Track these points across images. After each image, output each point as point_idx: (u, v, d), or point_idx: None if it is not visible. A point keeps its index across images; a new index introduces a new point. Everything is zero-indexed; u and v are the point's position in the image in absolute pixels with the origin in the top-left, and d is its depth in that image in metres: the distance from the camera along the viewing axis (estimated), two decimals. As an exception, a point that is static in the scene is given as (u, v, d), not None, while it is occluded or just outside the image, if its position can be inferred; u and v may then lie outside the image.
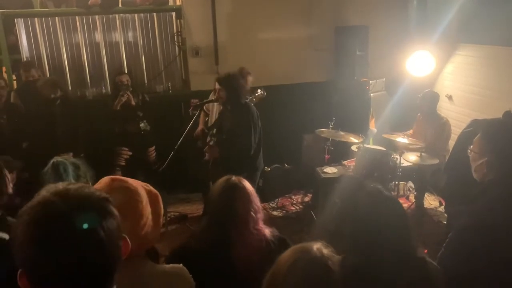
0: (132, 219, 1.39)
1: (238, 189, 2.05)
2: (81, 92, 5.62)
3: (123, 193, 1.42)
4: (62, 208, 0.90)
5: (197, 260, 1.91)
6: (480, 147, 1.89)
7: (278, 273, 1.43)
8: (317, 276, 1.40)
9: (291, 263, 1.41)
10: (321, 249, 1.45)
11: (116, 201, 1.38)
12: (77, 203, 0.92)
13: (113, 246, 0.95)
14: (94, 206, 0.94)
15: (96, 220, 0.92)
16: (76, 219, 0.89)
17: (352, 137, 4.93)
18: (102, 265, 0.94)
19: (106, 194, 0.99)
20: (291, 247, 1.52)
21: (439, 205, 5.25)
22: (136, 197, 1.43)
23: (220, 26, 5.64)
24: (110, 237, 0.93)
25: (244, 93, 3.97)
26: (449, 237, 1.90)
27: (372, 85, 5.94)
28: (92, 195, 0.95)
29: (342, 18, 5.94)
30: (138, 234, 1.41)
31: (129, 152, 5.23)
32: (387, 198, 1.81)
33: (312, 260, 1.41)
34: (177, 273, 1.54)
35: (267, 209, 5.35)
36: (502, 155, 1.82)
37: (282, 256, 1.47)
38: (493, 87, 5.09)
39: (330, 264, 1.42)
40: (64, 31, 5.43)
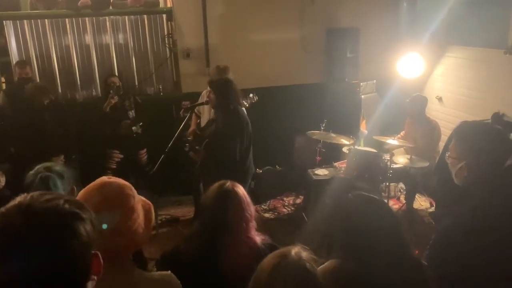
0: (123, 211, 1.41)
1: (231, 197, 2.03)
2: (71, 95, 5.59)
3: (117, 186, 1.46)
4: (20, 222, 0.87)
5: (186, 266, 1.90)
6: (457, 151, 1.91)
7: (259, 280, 1.43)
8: (297, 280, 1.40)
9: (271, 270, 1.41)
10: (299, 252, 1.45)
11: (109, 192, 1.41)
12: (40, 219, 0.89)
13: (77, 263, 0.92)
14: (61, 222, 0.91)
15: (62, 237, 0.89)
16: (38, 236, 0.87)
17: (343, 139, 4.95)
18: (62, 282, 0.90)
19: (75, 209, 0.95)
20: (270, 254, 1.51)
21: (429, 206, 5.28)
22: (128, 191, 1.46)
23: (211, 28, 5.64)
24: (75, 255, 0.91)
25: (234, 98, 3.88)
26: (432, 239, 1.91)
27: (363, 87, 5.97)
28: (57, 207, 0.92)
29: (333, 20, 5.97)
30: (129, 229, 1.42)
31: (120, 155, 5.21)
32: (376, 202, 1.82)
33: (291, 265, 1.41)
34: (166, 280, 1.53)
35: (259, 211, 5.34)
36: (479, 155, 1.83)
37: (262, 263, 1.47)
38: (482, 89, 5.14)
39: (309, 267, 1.42)
40: (54, 33, 5.39)
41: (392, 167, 4.65)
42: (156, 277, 1.53)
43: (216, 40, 5.67)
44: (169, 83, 5.90)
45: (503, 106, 4.56)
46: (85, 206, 1.00)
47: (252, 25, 5.77)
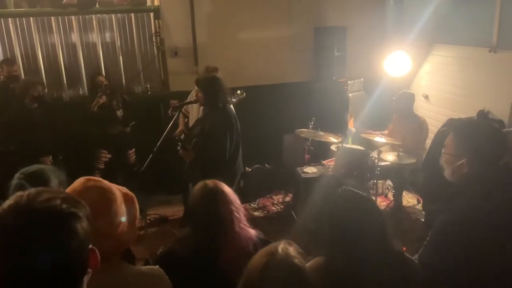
0: (106, 217, 1.39)
1: (217, 192, 2.06)
2: (58, 94, 5.53)
3: (97, 192, 1.43)
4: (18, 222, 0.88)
5: (183, 267, 1.90)
6: (456, 148, 1.91)
7: (251, 280, 1.43)
8: (288, 279, 1.41)
9: (261, 270, 1.41)
10: (286, 248, 1.46)
11: (90, 199, 1.35)
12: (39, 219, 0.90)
13: (76, 260, 0.94)
14: (56, 224, 0.92)
15: (60, 237, 0.90)
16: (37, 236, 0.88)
17: (331, 137, 4.97)
18: (64, 279, 0.92)
19: (73, 209, 0.96)
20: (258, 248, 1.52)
21: (417, 203, 5.33)
22: (110, 196, 1.44)
23: (199, 26, 5.62)
24: (74, 252, 0.92)
25: (222, 96, 3.87)
26: (429, 235, 1.93)
27: (351, 85, 6.00)
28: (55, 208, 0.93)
29: (321, 18, 5.99)
30: (113, 233, 1.41)
31: (108, 155, 5.17)
32: (362, 198, 1.84)
33: (280, 263, 1.42)
34: (154, 274, 1.53)
35: (248, 210, 5.34)
36: (478, 153, 1.84)
37: (251, 262, 1.47)
38: (468, 86, 5.20)
39: (297, 262, 1.44)
40: (39, 31, 5.33)
41: (379, 164, 4.69)
42: (145, 270, 1.54)
43: (204, 38, 5.65)
44: (157, 82, 5.87)
45: (488, 104, 4.63)
46: (81, 202, 1.01)
47: (240, 24, 5.76)
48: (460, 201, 1.87)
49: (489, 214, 1.76)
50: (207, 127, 3.93)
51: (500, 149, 1.87)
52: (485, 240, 1.73)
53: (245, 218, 2.13)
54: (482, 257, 1.74)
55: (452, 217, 1.85)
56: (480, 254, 1.74)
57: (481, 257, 1.74)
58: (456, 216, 1.83)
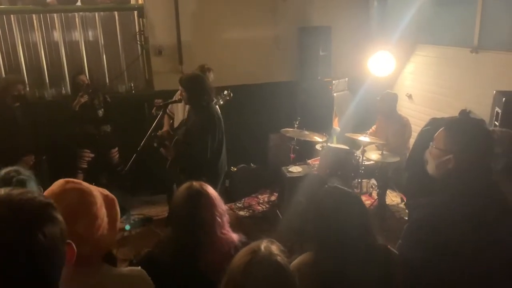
0: (86, 220, 1.38)
1: (202, 196, 2.03)
2: (40, 93, 5.43)
3: (77, 194, 1.41)
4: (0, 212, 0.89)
5: (164, 270, 1.88)
6: (445, 143, 1.93)
7: (233, 280, 1.43)
8: (270, 276, 1.41)
9: (243, 268, 1.41)
10: (268, 247, 1.46)
11: (69, 202, 1.36)
12: (15, 207, 0.91)
13: (54, 251, 0.94)
14: (34, 210, 0.93)
15: (36, 225, 0.91)
16: (13, 223, 0.89)
17: (316, 136, 4.99)
18: (41, 271, 0.92)
19: (50, 200, 0.99)
20: (240, 250, 1.52)
21: (400, 201, 5.39)
22: (89, 198, 1.42)
23: (184, 25, 5.58)
24: (50, 242, 0.92)
25: (206, 95, 3.81)
26: (405, 228, 1.95)
27: (335, 84, 6.04)
28: (34, 199, 0.95)
29: (305, 18, 6.01)
30: (92, 236, 1.39)
31: (91, 154, 5.11)
32: (348, 194, 1.86)
33: (263, 261, 1.42)
34: (136, 275, 1.52)
35: (233, 209, 5.34)
36: (466, 151, 1.86)
37: (233, 261, 1.47)
38: (450, 86, 5.28)
39: (280, 260, 1.44)
40: (21, 29, 5.23)
41: (364, 163, 4.72)
42: (125, 272, 1.52)
43: (188, 37, 5.63)
44: (141, 81, 5.81)
45: (469, 103, 4.70)
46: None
47: (225, 23, 5.75)
48: (439, 197, 1.89)
49: (465, 210, 1.78)
50: (189, 125, 3.91)
51: (488, 150, 1.90)
52: (457, 236, 1.75)
53: (228, 223, 2.10)
54: (454, 254, 1.76)
55: (428, 212, 1.87)
56: (452, 250, 1.76)
57: (453, 253, 1.76)
58: (432, 211, 1.85)
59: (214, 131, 3.83)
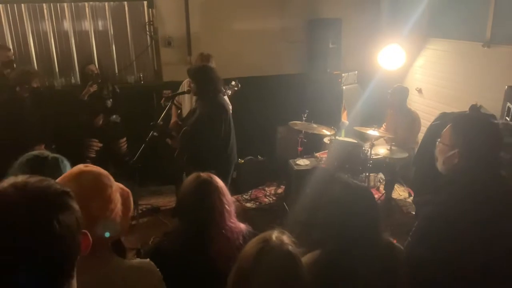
0: (100, 201, 1.39)
1: (210, 185, 2.05)
2: (49, 83, 5.47)
3: (93, 175, 1.43)
4: (16, 199, 0.89)
5: (173, 259, 1.90)
6: (450, 139, 1.92)
7: (244, 268, 1.44)
8: (282, 265, 1.42)
9: (255, 256, 1.42)
10: (280, 237, 1.47)
11: (85, 182, 1.38)
12: (32, 195, 0.91)
13: (69, 240, 0.93)
14: (50, 198, 0.93)
15: (51, 212, 0.91)
16: (29, 210, 0.88)
17: (324, 130, 4.97)
18: (56, 259, 0.92)
19: (66, 188, 0.98)
20: (251, 239, 1.52)
21: (408, 196, 5.37)
22: (105, 181, 1.44)
23: (193, 16, 5.57)
24: (65, 231, 0.92)
25: (213, 86, 3.81)
26: (415, 226, 1.94)
27: (345, 77, 6.00)
28: (50, 187, 0.95)
29: (316, 10, 5.97)
30: (107, 218, 1.40)
31: (100, 144, 5.14)
32: (358, 187, 1.85)
33: (274, 250, 1.43)
34: (145, 267, 1.52)
35: (240, 201, 5.35)
36: (472, 146, 1.85)
37: (244, 250, 1.48)
38: (461, 80, 5.22)
39: (292, 249, 1.45)
40: (31, 19, 5.25)
41: (372, 157, 4.70)
42: (135, 264, 1.53)
43: (198, 28, 5.61)
44: (149, 72, 5.82)
45: (480, 98, 4.65)
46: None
47: (235, 14, 5.73)
48: (446, 193, 1.87)
49: (474, 207, 1.77)
50: (197, 115, 3.92)
51: (495, 145, 1.88)
52: (468, 233, 1.74)
53: (235, 213, 2.12)
54: (464, 250, 1.75)
55: (436, 209, 1.86)
56: (462, 247, 1.75)
57: (463, 250, 1.75)
58: (440, 208, 1.84)
59: (221, 122, 3.84)
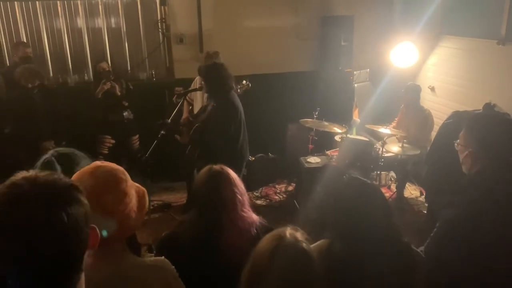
0: (116, 194, 1.41)
1: (222, 175, 2.09)
2: (63, 79, 5.53)
3: (108, 170, 1.46)
4: (27, 191, 0.91)
5: (187, 250, 1.92)
6: (464, 139, 1.92)
7: (258, 265, 1.45)
8: (297, 263, 1.43)
9: (270, 253, 1.43)
10: (294, 234, 1.48)
11: (101, 176, 1.41)
12: (41, 187, 0.93)
13: (78, 233, 0.95)
14: (59, 191, 0.95)
15: (60, 205, 0.92)
16: (38, 202, 0.90)
17: (335, 127, 4.96)
18: (64, 251, 0.93)
19: (74, 182, 1.00)
20: (265, 236, 1.53)
21: (419, 195, 5.33)
22: (121, 175, 1.46)
23: (205, 13, 5.58)
24: (74, 223, 0.93)
25: (224, 84, 3.86)
26: (436, 227, 1.92)
27: (357, 75, 5.97)
28: (59, 181, 0.97)
29: (328, 8, 5.94)
30: (121, 212, 1.42)
31: (112, 140, 5.18)
32: (369, 186, 1.84)
33: (289, 247, 1.44)
34: (159, 265, 1.53)
35: (251, 198, 5.34)
36: (484, 145, 1.83)
37: (258, 247, 1.49)
38: (475, 79, 5.16)
39: (306, 247, 1.46)
40: (45, 16, 5.31)
41: (383, 155, 4.68)
42: (149, 262, 1.53)
43: (210, 25, 5.62)
44: (162, 69, 5.85)
45: (494, 97, 4.59)
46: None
47: (246, 11, 5.73)
48: (467, 194, 1.86)
49: (495, 207, 1.75)
50: (208, 112, 3.96)
51: (510, 143, 1.86)
52: (490, 234, 1.73)
53: (248, 203, 2.14)
54: (486, 251, 1.73)
55: (458, 210, 1.84)
56: (484, 247, 1.73)
57: (485, 251, 1.73)
58: (462, 209, 1.83)
59: (233, 118, 3.88)
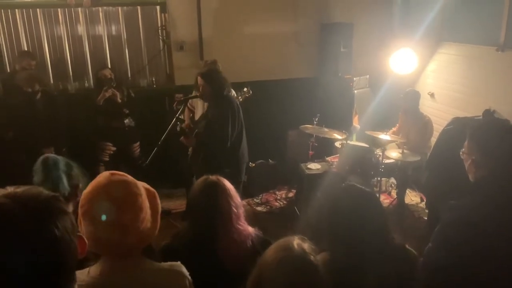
0: (132, 212, 1.41)
1: (218, 186, 2.09)
2: (63, 86, 5.54)
3: (123, 186, 1.43)
4: (12, 209, 0.89)
5: (183, 261, 1.92)
6: (467, 147, 1.93)
7: (265, 276, 1.44)
8: (305, 274, 1.42)
9: (277, 264, 1.42)
10: (301, 245, 1.47)
11: (116, 193, 1.39)
12: (26, 203, 0.91)
13: (68, 244, 0.95)
14: (45, 204, 0.94)
15: (49, 218, 0.92)
16: (27, 218, 0.89)
17: (335, 134, 4.97)
18: (57, 263, 0.93)
19: (55, 193, 0.99)
20: (272, 245, 1.52)
21: (420, 201, 5.33)
22: (135, 190, 1.44)
23: (205, 21, 5.61)
24: (64, 235, 0.93)
25: (225, 86, 4.01)
26: (436, 231, 1.93)
27: (356, 81, 5.99)
28: (41, 194, 0.95)
29: (327, 14, 5.97)
30: (138, 228, 1.41)
31: (113, 147, 5.19)
32: (363, 191, 1.85)
33: (297, 259, 1.42)
34: (175, 270, 1.54)
35: (251, 205, 5.36)
36: (486, 152, 1.84)
37: (265, 257, 1.48)
38: (474, 85, 5.18)
39: (313, 259, 1.45)
40: (46, 23, 5.33)
41: (383, 162, 4.68)
42: (166, 267, 1.54)
43: (210, 32, 5.65)
44: (162, 76, 5.87)
45: (494, 103, 4.61)
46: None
47: (246, 18, 5.75)
48: (470, 199, 1.86)
49: (497, 211, 1.75)
50: (210, 116, 3.99)
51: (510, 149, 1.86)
52: (492, 239, 1.73)
53: (244, 216, 2.14)
54: (488, 256, 1.73)
55: (460, 215, 1.85)
56: (486, 252, 1.74)
57: (487, 256, 1.74)
58: (464, 214, 1.83)
59: (234, 120, 3.94)
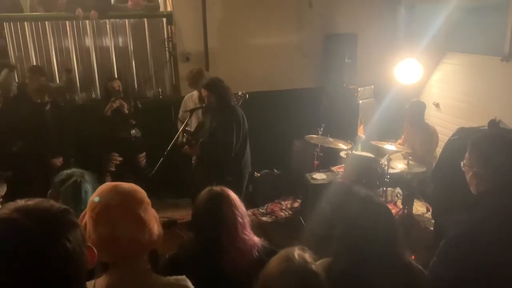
0: (139, 223, 1.45)
1: (222, 197, 2.10)
2: (71, 97, 5.60)
3: (128, 192, 1.48)
4: (25, 224, 0.90)
5: (188, 272, 1.93)
6: (468, 159, 1.91)
7: (268, 286, 1.45)
8: (307, 284, 1.43)
9: (280, 275, 1.43)
10: (303, 255, 1.49)
11: (121, 200, 1.43)
12: (38, 218, 0.92)
13: (80, 256, 0.97)
14: (56, 218, 0.95)
15: (61, 232, 0.93)
16: (40, 233, 0.90)
17: (341, 144, 4.97)
18: (70, 276, 0.95)
19: (66, 206, 1.00)
20: (273, 257, 1.54)
21: (426, 211, 5.30)
22: (140, 196, 1.50)
23: (211, 32, 5.67)
24: (75, 247, 0.95)
25: (231, 95, 4.07)
26: (441, 246, 1.92)
27: (361, 92, 6.00)
28: (52, 207, 0.97)
29: (332, 25, 6.01)
30: (144, 237, 1.45)
31: (120, 158, 5.22)
32: (377, 204, 1.85)
33: (299, 269, 1.44)
34: (181, 284, 1.55)
35: (256, 215, 5.36)
36: (488, 165, 1.82)
37: (267, 269, 1.49)
38: (479, 95, 5.18)
39: (315, 269, 1.46)
40: (54, 35, 5.41)
41: (389, 172, 4.68)
42: (172, 281, 1.56)
43: (215, 44, 5.70)
44: (168, 87, 5.93)
45: (499, 113, 4.60)
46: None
47: (251, 30, 5.81)
48: (472, 214, 1.85)
49: (501, 227, 1.74)
50: (214, 125, 4.02)
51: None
52: (495, 253, 1.72)
53: (249, 225, 2.15)
54: (492, 270, 1.73)
55: (463, 229, 1.83)
56: (490, 267, 1.73)
57: (490, 270, 1.73)
58: (467, 229, 1.82)
59: (238, 130, 3.97)
